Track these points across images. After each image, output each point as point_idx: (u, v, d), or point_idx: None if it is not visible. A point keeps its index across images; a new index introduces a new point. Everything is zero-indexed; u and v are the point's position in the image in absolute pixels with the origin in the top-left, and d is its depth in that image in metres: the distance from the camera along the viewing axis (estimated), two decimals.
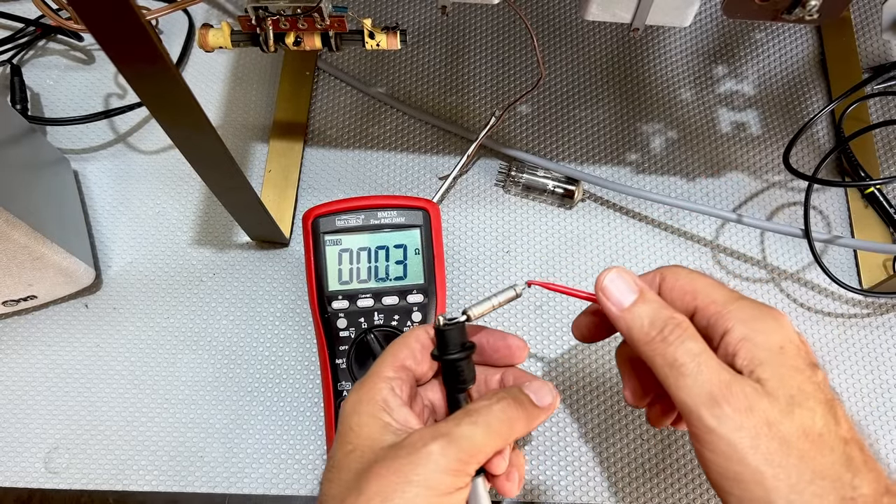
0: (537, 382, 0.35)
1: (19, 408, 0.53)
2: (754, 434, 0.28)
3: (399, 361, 0.35)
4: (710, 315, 0.32)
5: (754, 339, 0.30)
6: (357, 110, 0.64)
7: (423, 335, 0.36)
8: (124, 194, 0.60)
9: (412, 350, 0.36)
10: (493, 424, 0.31)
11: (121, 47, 0.32)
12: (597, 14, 0.41)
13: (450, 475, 0.29)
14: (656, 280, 0.35)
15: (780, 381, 0.29)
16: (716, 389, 0.29)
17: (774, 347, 0.30)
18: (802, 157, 0.63)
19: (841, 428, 0.29)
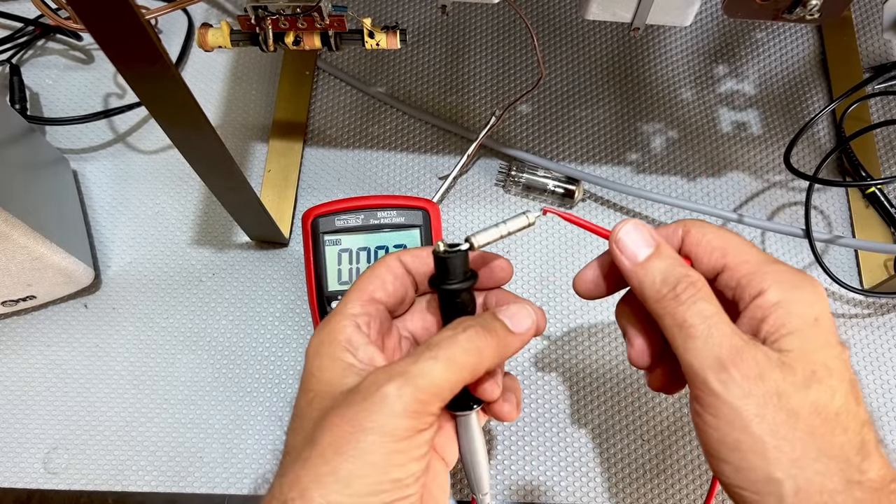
0: (515, 305, 0.32)
1: (18, 408, 0.53)
2: (762, 403, 0.27)
3: (367, 294, 0.32)
4: (742, 275, 0.30)
5: (789, 306, 0.28)
6: (357, 110, 0.64)
7: (394, 264, 0.33)
8: (123, 194, 0.60)
9: (382, 280, 0.33)
10: (456, 357, 0.28)
11: (120, 47, 0.32)
12: (597, 13, 0.41)
13: (408, 418, 0.27)
14: (678, 233, 0.32)
15: (805, 355, 0.28)
16: (725, 354, 0.28)
17: (809, 318, 0.28)
18: (803, 157, 0.63)
19: (861, 409, 0.28)
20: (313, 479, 0.27)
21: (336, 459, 0.27)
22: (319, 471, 0.27)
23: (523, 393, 0.54)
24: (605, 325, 0.56)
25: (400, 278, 0.33)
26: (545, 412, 0.53)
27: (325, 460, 0.27)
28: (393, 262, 0.33)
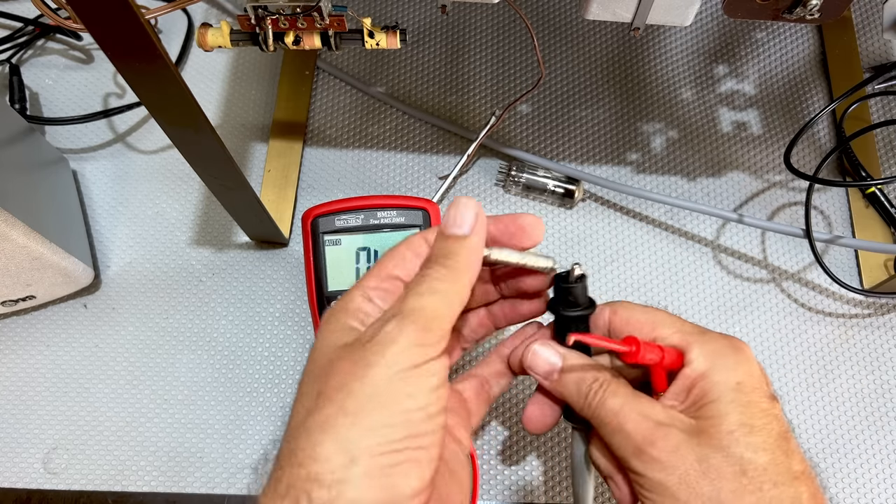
0: (452, 209, 0.31)
1: (18, 408, 0.53)
2: (683, 472, 0.29)
3: (385, 271, 0.32)
4: (672, 345, 0.32)
5: (712, 375, 0.30)
6: (357, 110, 0.64)
7: (417, 241, 0.33)
8: (123, 194, 0.60)
9: (403, 259, 0.32)
10: (437, 288, 0.29)
11: (120, 47, 0.32)
12: (597, 13, 0.41)
13: (412, 347, 0.27)
14: (605, 315, 0.34)
15: (724, 419, 0.29)
16: (640, 439, 0.30)
17: (731, 383, 0.30)
18: (803, 157, 0.63)
19: (793, 461, 0.29)
20: (321, 422, 0.26)
21: (341, 397, 0.26)
22: (326, 413, 0.26)
23: (523, 394, 0.54)
24: None
25: (421, 256, 0.32)
26: None
27: (331, 401, 0.26)
28: (416, 240, 0.33)
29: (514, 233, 0.33)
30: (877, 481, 0.52)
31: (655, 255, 0.58)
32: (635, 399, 0.31)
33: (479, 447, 0.52)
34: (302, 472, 0.26)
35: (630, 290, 0.57)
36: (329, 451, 0.26)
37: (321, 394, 0.27)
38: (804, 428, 0.53)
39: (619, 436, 0.31)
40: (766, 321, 0.56)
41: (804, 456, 0.30)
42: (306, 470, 0.26)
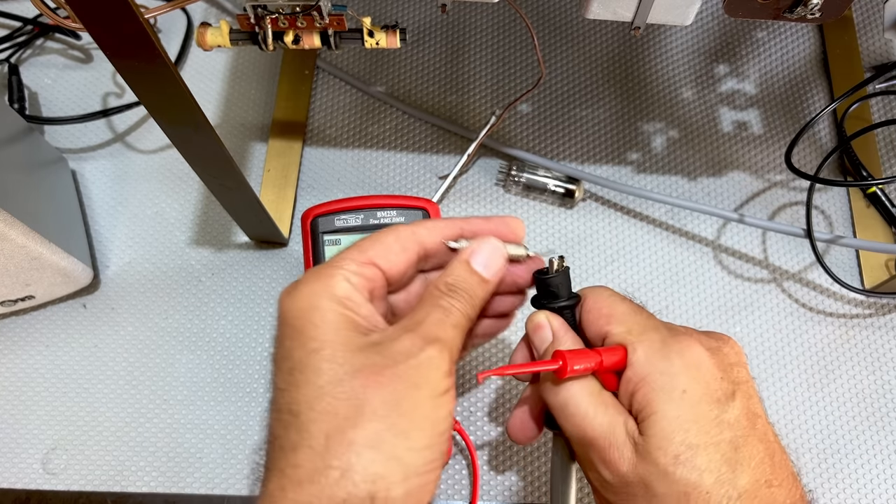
0: (486, 247, 0.32)
1: (17, 408, 0.53)
2: (630, 495, 0.29)
3: (366, 257, 0.30)
4: (617, 343, 0.31)
5: (654, 381, 0.29)
6: (356, 109, 0.64)
7: (405, 234, 0.32)
8: (122, 194, 0.60)
9: (387, 248, 0.31)
10: (461, 323, 0.30)
11: (119, 46, 0.32)
12: (598, 12, 0.41)
13: (447, 377, 0.28)
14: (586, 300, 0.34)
15: (666, 439, 0.28)
16: (595, 458, 0.30)
17: (675, 392, 0.29)
18: (804, 157, 0.63)
19: (740, 478, 0.28)
20: (371, 436, 0.26)
21: (393, 416, 0.26)
22: (375, 428, 0.26)
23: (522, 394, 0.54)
24: None
25: (407, 251, 0.32)
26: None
27: (381, 417, 0.26)
28: (405, 232, 0.32)
29: (504, 234, 0.34)
30: (878, 481, 0.52)
31: (656, 255, 0.58)
32: (595, 408, 0.30)
33: (479, 447, 0.52)
34: (349, 487, 0.25)
35: (631, 290, 0.57)
36: (383, 470, 0.26)
37: (365, 405, 0.26)
38: (805, 428, 0.53)
39: (578, 447, 0.32)
40: (766, 321, 0.56)
41: (759, 458, 0.29)
42: (357, 487, 0.25)
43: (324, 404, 0.26)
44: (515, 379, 0.40)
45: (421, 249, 0.32)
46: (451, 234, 0.33)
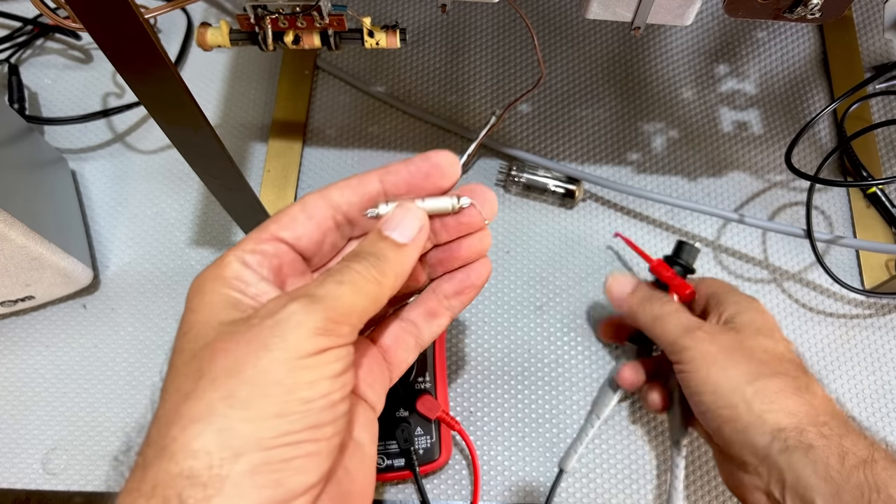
0: (399, 210, 0.29)
1: (17, 409, 0.53)
2: (722, 346, 0.39)
3: (267, 233, 0.28)
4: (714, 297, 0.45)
5: (741, 313, 0.42)
6: (356, 109, 0.64)
7: (312, 202, 0.29)
8: (122, 194, 0.60)
9: (292, 219, 0.29)
10: (360, 285, 0.26)
11: (119, 46, 0.32)
12: (598, 13, 0.41)
13: (317, 335, 0.24)
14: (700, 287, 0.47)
15: (751, 324, 0.41)
16: (690, 324, 0.41)
17: (755, 314, 0.42)
18: (804, 157, 0.63)
19: (800, 362, 0.39)
20: (202, 410, 0.23)
21: (231, 382, 0.23)
22: (209, 399, 0.23)
23: (522, 394, 0.54)
24: None
25: (316, 218, 0.29)
26: (544, 412, 0.53)
27: (217, 386, 0.23)
28: (312, 200, 0.29)
29: (428, 172, 0.31)
30: None
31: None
32: (679, 311, 0.43)
33: (479, 448, 0.52)
34: (173, 468, 0.22)
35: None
36: (209, 444, 0.22)
37: (204, 376, 0.24)
38: None
39: (671, 323, 0.42)
40: None
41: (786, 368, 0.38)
42: (179, 466, 0.22)
43: (174, 384, 0.25)
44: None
45: (336, 214, 0.30)
46: (367, 193, 0.30)
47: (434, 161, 0.31)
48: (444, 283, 0.33)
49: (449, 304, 0.33)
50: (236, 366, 0.23)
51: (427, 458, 0.49)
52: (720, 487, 0.51)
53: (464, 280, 0.33)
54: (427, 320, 0.33)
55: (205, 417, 0.23)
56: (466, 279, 0.33)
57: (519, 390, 0.54)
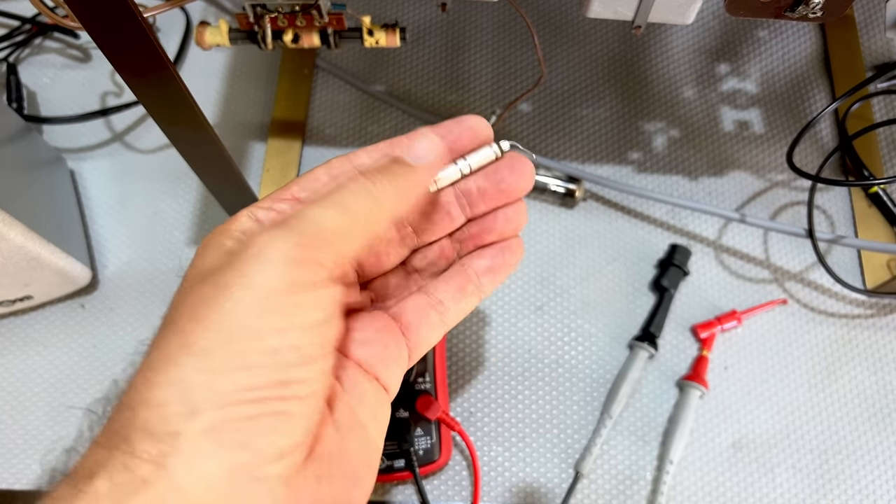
0: (412, 136, 0.27)
1: (15, 409, 0.53)
2: None
3: (288, 192, 0.27)
4: None
5: None
6: (356, 108, 0.64)
7: (338, 165, 0.28)
8: (121, 193, 0.60)
9: (314, 180, 0.28)
10: (347, 202, 0.23)
11: (117, 45, 0.32)
12: (598, 11, 0.41)
13: (287, 266, 0.21)
14: None
15: None
16: None
17: None
18: (806, 156, 0.62)
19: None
20: (161, 359, 0.21)
21: (190, 328, 0.21)
22: (169, 347, 0.21)
23: (522, 394, 0.54)
24: (606, 326, 0.56)
25: (341, 180, 0.26)
26: (545, 413, 0.53)
27: (178, 332, 0.21)
28: (338, 162, 0.28)
29: (460, 135, 0.29)
30: (880, 482, 0.51)
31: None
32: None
33: (480, 448, 0.52)
34: (129, 416, 0.20)
35: (631, 289, 0.57)
36: (164, 397, 0.20)
37: (171, 323, 0.21)
38: (806, 429, 0.53)
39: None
40: (767, 321, 0.56)
41: None
42: (135, 414, 0.20)
43: (152, 340, 0.22)
44: None
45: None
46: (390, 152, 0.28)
47: (467, 124, 0.29)
48: (475, 259, 0.30)
49: (479, 282, 0.30)
50: (199, 310, 0.21)
51: (427, 458, 0.49)
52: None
53: (497, 256, 0.30)
54: (455, 298, 0.30)
55: (162, 368, 0.20)
56: (500, 256, 0.30)
57: (519, 391, 0.54)
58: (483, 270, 0.30)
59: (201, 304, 0.21)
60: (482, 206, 0.30)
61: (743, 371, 0.54)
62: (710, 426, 0.53)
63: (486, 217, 0.30)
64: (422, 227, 0.29)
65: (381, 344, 0.27)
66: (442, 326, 0.29)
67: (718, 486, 0.51)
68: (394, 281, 0.30)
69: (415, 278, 0.31)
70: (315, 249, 0.22)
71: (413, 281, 0.31)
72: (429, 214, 0.29)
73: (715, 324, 0.55)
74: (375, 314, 0.28)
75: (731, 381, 0.54)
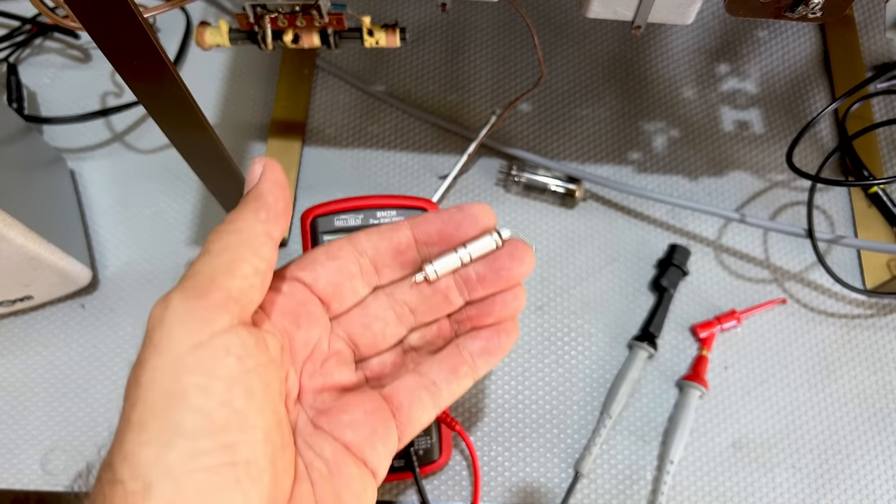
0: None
1: (16, 409, 0.53)
2: None
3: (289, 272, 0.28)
4: None
5: None
6: (356, 109, 0.64)
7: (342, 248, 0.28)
8: (121, 194, 0.60)
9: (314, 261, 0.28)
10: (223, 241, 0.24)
11: (117, 45, 0.32)
12: (598, 11, 0.41)
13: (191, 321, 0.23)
14: None
15: None
16: None
17: None
18: (806, 157, 0.62)
19: None
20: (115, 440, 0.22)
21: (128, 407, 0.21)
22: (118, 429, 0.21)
23: (522, 394, 0.54)
24: (606, 326, 0.56)
25: (340, 261, 0.28)
26: (545, 413, 0.53)
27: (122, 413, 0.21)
28: (338, 244, 0.29)
29: (461, 222, 0.29)
30: (879, 482, 0.51)
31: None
32: None
33: (479, 448, 0.52)
34: (103, 493, 0.21)
35: (630, 289, 0.57)
36: (123, 473, 0.20)
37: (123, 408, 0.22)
38: (806, 429, 0.53)
39: None
40: (767, 321, 0.56)
41: None
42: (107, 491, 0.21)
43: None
44: None
45: (362, 258, 0.29)
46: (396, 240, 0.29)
47: (468, 212, 0.29)
48: (470, 340, 0.30)
49: (474, 363, 0.30)
50: (129, 391, 0.22)
51: (427, 458, 0.49)
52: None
53: (493, 338, 0.30)
54: (448, 379, 0.29)
55: (115, 447, 0.21)
56: (496, 338, 0.30)
57: (519, 391, 0.54)
58: (478, 352, 0.30)
59: (129, 384, 0.21)
60: (481, 291, 0.30)
61: (743, 371, 0.54)
62: (709, 426, 0.53)
63: (485, 301, 0.30)
64: (420, 309, 0.29)
65: (369, 427, 0.27)
66: (434, 408, 0.29)
67: (718, 486, 0.51)
68: (390, 359, 0.30)
69: (412, 355, 0.31)
70: (206, 297, 0.22)
71: (410, 358, 0.31)
72: (427, 298, 0.29)
73: (714, 323, 0.55)
74: (367, 395, 0.28)
75: (731, 380, 0.54)
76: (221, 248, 0.24)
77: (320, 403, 0.27)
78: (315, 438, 0.26)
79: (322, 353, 0.28)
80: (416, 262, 0.29)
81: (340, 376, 0.28)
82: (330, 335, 0.29)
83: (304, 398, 0.27)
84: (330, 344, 0.29)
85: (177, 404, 0.21)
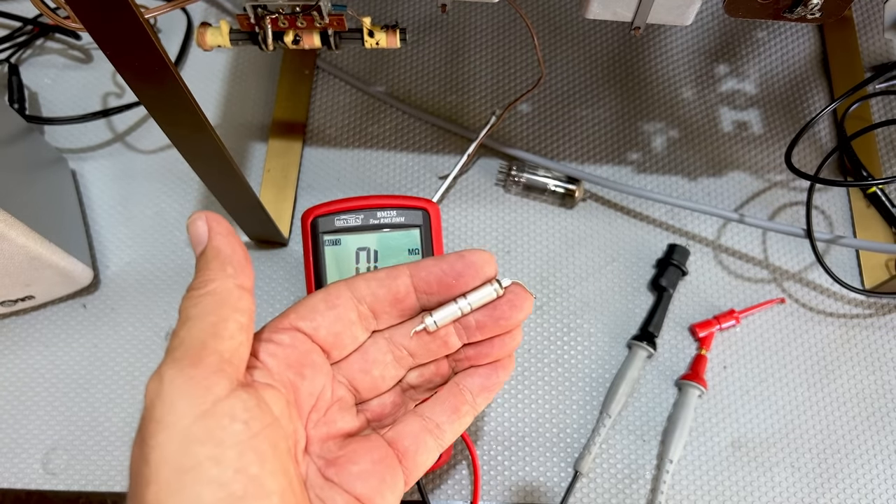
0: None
1: (17, 409, 0.53)
2: None
3: (288, 322, 0.29)
4: None
5: None
6: (356, 109, 0.64)
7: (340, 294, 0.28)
8: (123, 194, 0.60)
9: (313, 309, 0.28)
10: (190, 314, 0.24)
11: (119, 46, 0.32)
12: (598, 12, 0.41)
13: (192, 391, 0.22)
14: None
15: None
16: None
17: None
18: (804, 157, 0.63)
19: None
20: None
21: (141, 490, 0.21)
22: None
23: (522, 394, 0.54)
24: (605, 326, 0.56)
25: (339, 309, 0.28)
26: (545, 412, 0.53)
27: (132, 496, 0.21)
28: (336, 289, 0.28)
29: (461, 272, 0.28)
30: (878, 481, 0.52)
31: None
32: None
33: (480, 448, 0.52)
34: None
35: (630, 289, 0.57)
36: None
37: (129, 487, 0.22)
38: (805, 428, 0.53)
39: None
40: (766, 321, 0.56)
41: None
42: None
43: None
44: None
45: (360, 305, 0.29)
46: (395, 287, 0.29)
47: (469, 260, 0.29)
48: (469, 378, 0.30)
49: (473, 401, 0.30)
50: (136, 468, 0.21)
51: None
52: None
53: (491, 375, 0.30)
54: (451, 419, 0.30)
55: None
56: (494, 374, 0.30)
57: (519, 390, 0.54)
58: (477, 390, 0.30)
59: (135, 463, 0.21)
60: (479, 336, 0.30)
61: (741, 370, 0.55)
62: (709, 425, 0.53)
63: (483, 343, 0.30)
64: (418, 353, 0.30)
65: (377, 477, 0.27)
66: (438, 449, 0.29)
67: (718, 485, 0.51)
68: (390, 399, 0.31)
69: (410, 393, 0.31)
70: (200, 364, 0.22)
71: (409, 396, 0.31)
72: (426, 343, 0.30)
73: (713, 323, 0.55)
74: (373, 442, 0.29)
75: (730, 380, 0.54)
76: (201, 313, 0.24)
77: (327, 452, 0.27)
78: (326, 492, 0.26)
79: (326, 401, 0.28)
80: (415, 309, 0.29)
81: (344, 423, 0.29)
82: (332, 382, 0.29)
83: (311, 448, 0.27)
84: (333, 391, 0.29)
85: (192, 479, 0.20)
